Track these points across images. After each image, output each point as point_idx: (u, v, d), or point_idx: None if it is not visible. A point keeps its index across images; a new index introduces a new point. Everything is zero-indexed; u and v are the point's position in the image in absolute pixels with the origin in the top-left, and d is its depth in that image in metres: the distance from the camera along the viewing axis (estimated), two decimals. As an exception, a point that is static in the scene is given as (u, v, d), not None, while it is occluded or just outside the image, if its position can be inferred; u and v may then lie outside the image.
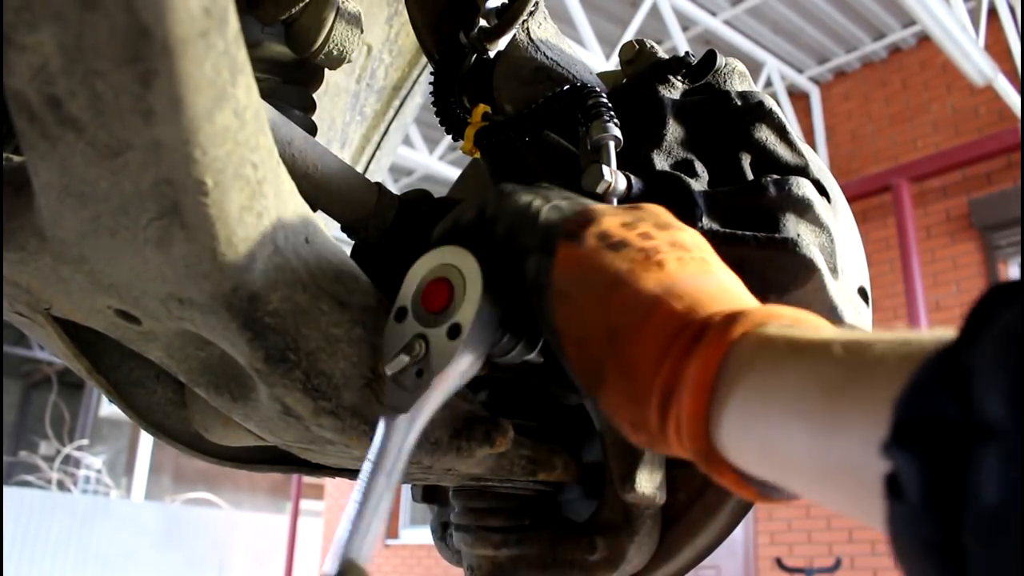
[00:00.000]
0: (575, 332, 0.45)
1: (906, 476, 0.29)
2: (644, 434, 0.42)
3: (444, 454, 0.59)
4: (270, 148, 0.47)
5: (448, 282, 0.50)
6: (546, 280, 0.47)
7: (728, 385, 0.38)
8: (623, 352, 0.43)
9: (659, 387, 0.41)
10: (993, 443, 0.26)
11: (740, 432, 0.38)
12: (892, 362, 0.32)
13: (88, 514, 10.51)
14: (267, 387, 0.52)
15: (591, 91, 0.68)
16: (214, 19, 0.38)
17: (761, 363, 0.38)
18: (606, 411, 0.44)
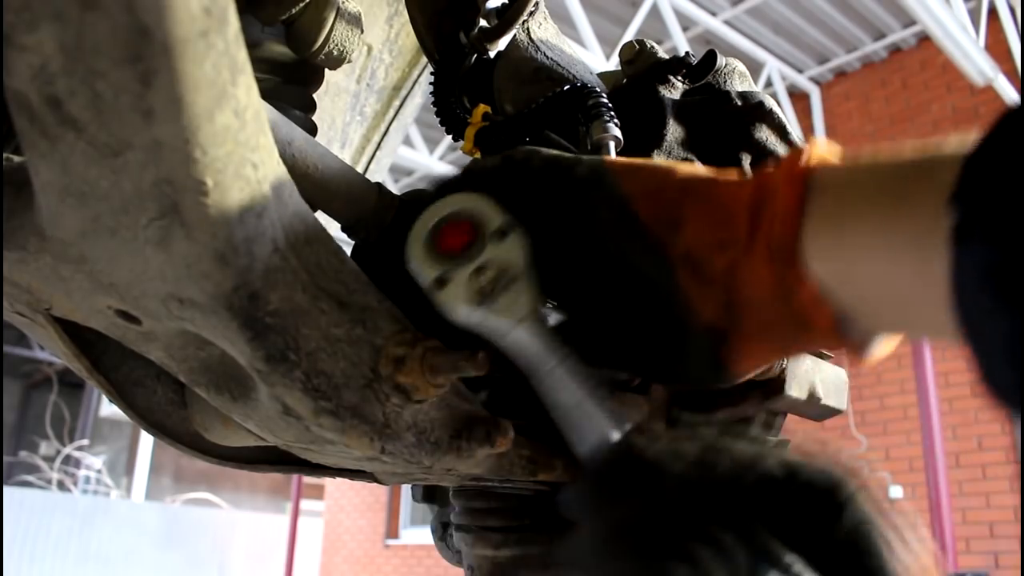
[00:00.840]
0: (644, 187, 0.46)
1: (972, 213, 0.31)
2: (730, 250, 0.43)
3: (444, 454, 0.59)
4: (270, 148, 0.47)
5: (459, 220, 0.49)
6: (602, 167, 0.48)
7: (815, 187, 0.40)
8: (704, 190, 0.44)
9: (748, 198, 0.42)
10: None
11: (822, 225, 0.39)
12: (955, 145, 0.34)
13: (88, 514, 10.51)
14: (267, 387, 0.52)
15: (591, 91, 0.68)
16: (214, 19, 0.38)
17: (836, 170, 0.40)
18: (683, 248, 0.44)
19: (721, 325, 0.44)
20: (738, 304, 0.43)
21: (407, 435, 0.56)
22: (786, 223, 0.40)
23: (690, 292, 0.44)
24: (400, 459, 0.58)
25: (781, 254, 0.40)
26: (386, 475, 0.69)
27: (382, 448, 0.55)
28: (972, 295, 0.31)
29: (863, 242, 0.37)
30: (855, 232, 0.38)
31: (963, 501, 5.96)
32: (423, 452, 0.58)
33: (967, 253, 0.31)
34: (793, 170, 0.41)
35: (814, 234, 0.39)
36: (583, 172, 0.49)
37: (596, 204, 0.47)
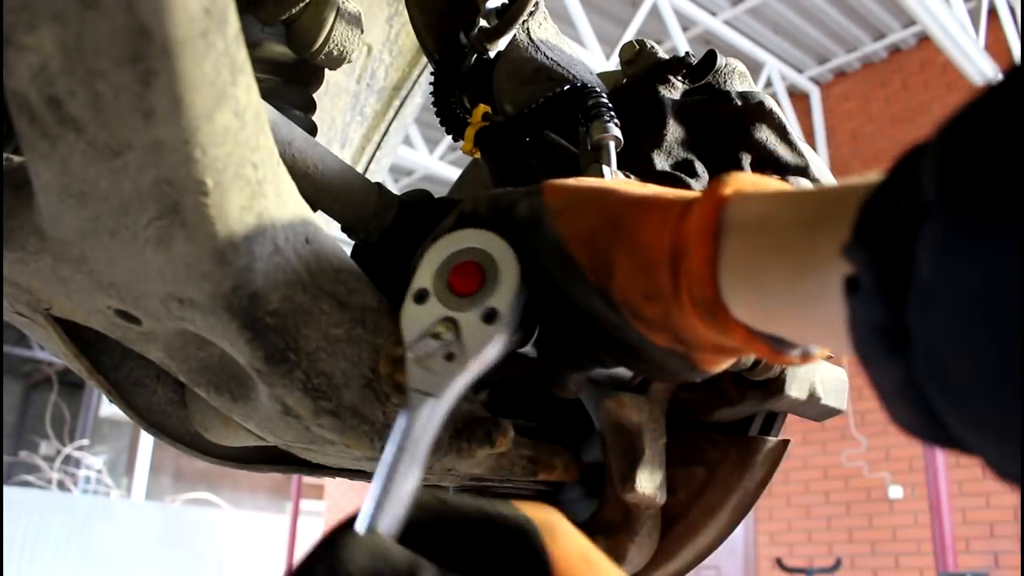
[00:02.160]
0: (578, 231, 0.47)
1: (863, 268, 0.32)
2: (659, 301, 0.44)
3: (444, 454, 0.59)
4: (270, 148, 0.47)
5: (478, 265, 0.49)
6: (540, 208, 0.49)
7: (727, 233, 0.41)
8: (629, 233, 0.45)
9: (668, 246, 0.43)
10: (929, 220, 0.29)
11: (739, 276, 0.41)
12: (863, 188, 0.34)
13: (88, 514, 10.51)
14: (267, 387, 0.52)
15: (591, 91, 0.68)
16: (214, 19, 0.38)
17: (751, 210, 0.41)
18: (620, 294, 0.46)
19: (679, 349, 0.46)
20: (686, 339, 0.45)
21: (407, 435, 0.56)
22: (703, 282, 0.41)
23: (639, 329, 0.46)
24: (400, 459, 0.58)
25: (705, 308, 0.42)
26: (386, 475, 0.69)
27: (382, 448, 0.55)
28: (865, 345, 0.33)
29: (776, 292, 0.39)
30: (767, 282, 0.39)
31: (963, 501, 5.96)
32: (423, 452, 0.58)
33: (857, 308, 0.32)
34: (706, 217, 0.42)
35: (731, 288, 0.41)
36: (523, 214, 0.50)
37: (538, 248, 0.49)
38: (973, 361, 0.27)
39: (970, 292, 0.27)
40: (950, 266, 0.28)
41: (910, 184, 0.30)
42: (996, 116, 0.27)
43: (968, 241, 0.27)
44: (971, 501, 6.00)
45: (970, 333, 0.27)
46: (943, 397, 0.29)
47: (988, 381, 0.27)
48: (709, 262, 0.41)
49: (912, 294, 0.29)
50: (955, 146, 0.28)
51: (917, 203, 0.29)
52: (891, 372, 0.31)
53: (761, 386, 0.69)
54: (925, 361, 0.29)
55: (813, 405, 0.72)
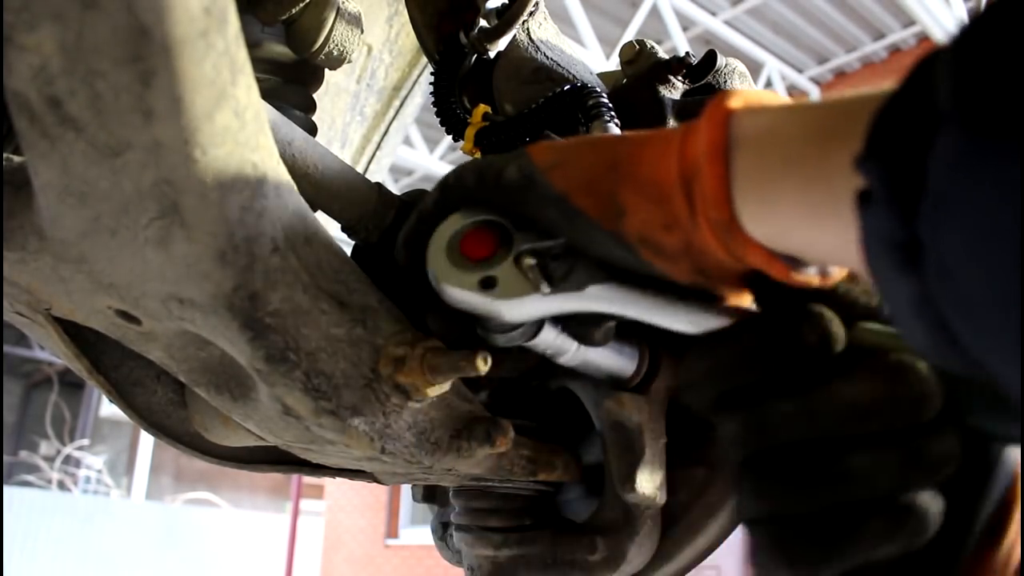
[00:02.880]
0: (578, 181, 0.46)
1: (875, 181, 0.31)
2: (678, 230, 0.43)
3: (444, 454, 0.59)
4: (270, 148, 0.47)
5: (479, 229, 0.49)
6: (530, 167, 0.48)
7: (736, 149, 0.40)
8: (632, 169, 0.44)
9: (677, 173, 0.42)
10: (944, 131, 0.28)
11: (751, 193, 0.39)
12: (873, 99, 0.34)
13: (88, 514, 10.51)
14: (267, 387, 0.52)
15: (591, 91, 0.68)
16: (214, 19, 0.38)
17: (759, 123, 0.40)
18: (635, 233, 0.44)
19: (701, 281, 0.45)
20: (707, 266, 0.44)
21: (407, 435, 0.56)
22: (718, 206, 0.40)
23: (661, 266, 0.45)
24: (400, 459, 0.58)
25: (722, 229, 0.41)
26: (386, 475, 0.69)
27: (382, 448, 0.55)
28: (878, 260, 0.32)
29: (789, 208, 0.38)
30: (780, 199, 0.38)
31: None
32: (423, 452, 0.58)
33: (869, 222, 0.32)
34: (714, 133, 0.40)
35: (745, 206, 0.40)
36: (513, 176, 0.49)
37: (539, 207, 0.48)
38: (986, 275, 0.27)
39: (982, 206, 0.26)
40: (963, 180, 0.27)
41: (924, 94, 0.29)
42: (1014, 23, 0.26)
43: (982, 155, 0.26)
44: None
45: (983, 247, 0.26)
46: (956, 311, 0.29)
47: (1001, 295, 0.26)
48: (722, 180, 0.40)
49: (925, 207, 0.28)
50: (970, 55, 0.27)
51: (931, 114, 0.29)
52: (904, 287, 0.30)
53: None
54: (938, 274, 0.28)
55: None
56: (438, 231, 0.51)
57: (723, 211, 0.40)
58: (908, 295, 0.30)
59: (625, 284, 0.48)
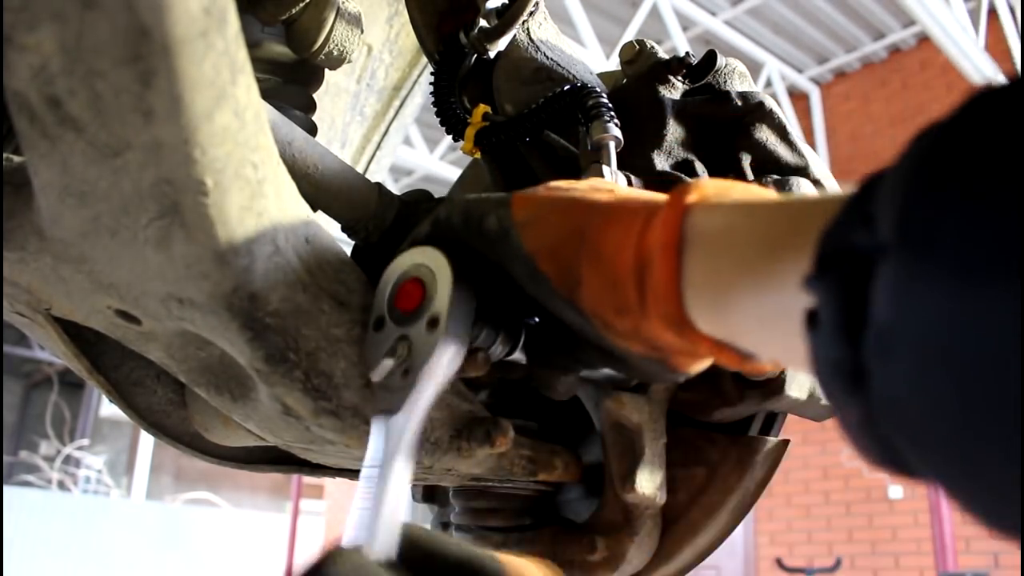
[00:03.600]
0: (545, 244, 0.47)
1: (822, 304, 0.31)
2: (628, 316, 0.44)
3: (444, 454, 0.59)
4: (270, 148, 0.47)
5: (419, 280, 0.50)
6: (508, 221, 0.49)
7: (690, 246, 0.40)
8: (594, 244, 0.45)
9: (632, 261, 0.42)
10: (885, 262, 0.28)
11: (702, 293, 0.40)
12: (829, 206, 0.33)
13: (88, 514, 10.50)
14: (267, 387, 0.52)
15: (591, 91, 0.68)
16: (214, 19, 0.38)
17: (714, 222, 0.40)
18: (589, 309, 0.45)
19: (655, 356, 0.46)
20: (659, 347, 0.45)
21: (407, 435, 0.56)
22: (668, 298, 0.41)
23: (614, 340, 0.46)
24: (400, 459, 0.58)
25: (673, 322, 0.41)
26: (386, 475, 0.69)
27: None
28: (825, 381, 0.32)
29: (739, 312, 0.38)
30: (730, 302, 0.38)
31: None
32: (423, 452, 0.58)
33: (816, 345, 0.32)
34: (669, 229, 0.41)
35: (695, 304, 0.40)
36: (492, 227, 0.50)
37: (508, 261, 0.49)
38: (927, 408, 0.27)
39: (925, 339, 0.26)
40: (904, 310, 0.27)
41: (866, 217, 0.29)
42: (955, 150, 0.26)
43: (923, 286, 0.26)
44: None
45: (926, 380, 0.26)
46: (902, 438, 0.29)
47: (942, 428, 0.26)
48: (672, 277, 0.40)
49: (869, 336, 0.28)
50: (912, 181, 0.27)
51: (873, 240, 0.28)
52: (852, 409, 0.30)
53: (761, 386, 0.69)
54: (883, 403, 0.29)
55: (813, 405, 0.72)
56: (393, 264, 0.53)
57: (672, 306, 0.41)
58: (855, 416, 0.31)
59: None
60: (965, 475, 0.27)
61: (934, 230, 0.26)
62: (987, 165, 0.25)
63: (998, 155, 0.25)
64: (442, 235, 0.52)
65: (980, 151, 0.25)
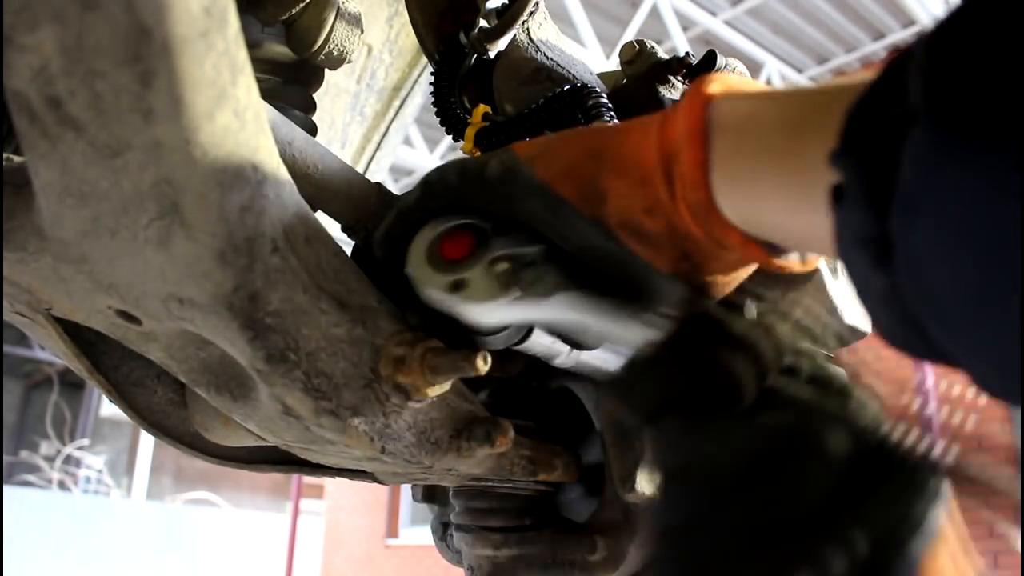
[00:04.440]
0: (559, 169, 0.46)
1: (848, 177, 0.31)
2: (659, 213, 0.43)
3: (444, 454, 0.59)
4: (270, 148, 0.47)
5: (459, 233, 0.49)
6: (513, 160, 0.48)
7: (715, 133, 0.40)
8: (613, 155, 0.44)
9: (657, 156, 0.42)
10: (915, 129, 0.28)
11: (729, 178, 0.39)
12: (851, 89, 0.33)
13: (89, 514, 10.51)
14: (267, 387, 0.52)
15: (591, 91, 0.68)
16: (214, 19, 0.38)
17: (738, 109, 0.40)
18: (616, 218, 0.45)
19: (685, 267, 0.45)
20: (690, 250, 0.44)
21: (407, 435, 0.56)
22: (697, 187, 0.40)
23: (642, 252, 0.45)
24: (400, 459, 0.58)
25: (701, 211, 0.41)
26: (386, 475, 0.69)
27: (382, 448, 0.55)
28: (850, 254, 0.32)
29: (765, 195, 0.38)
30: (756, 186, 0.38)
31: (963, 501, 5.96)
32: (423, 452, 0.58)
33: (842, 218, 0.32)
34: (693, 117, 0.40)
35: (723, 191, 0.40)
36: (495, 170, 0.49)
37: (521, 197, 0.48)
38: (952, 274, 0.27)
39: (951, 204, 0.26)
40: (932, 177, 0.27)
41: (897, 90, 0.29)
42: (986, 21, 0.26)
43: (951, 152, 0.26)
44: (971, 501, 6.00)
45: (951, 245, 0.27)
46: (925, 308, 0.29)
47: (968, 294, 0.27)
48: (700, 164, 0.40)
49: (896, 205, 0.29)
50: (941, 53, 0.27)
51: (902, 111, 0.29)
52: (875, 282, 0.31)
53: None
54: (908, 272, 0.29)
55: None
56: (421, 232, 0.51)
57: (701, 193, 0.40)
58: (878, 289, 0.31)
59: (592, 294, 0.48)
60: (988, 347, 0.27)
61: (961, 95, 0.26)
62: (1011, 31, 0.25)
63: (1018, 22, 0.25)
64: (434, 196, 0.52)
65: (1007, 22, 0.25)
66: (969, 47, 0.26)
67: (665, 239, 0.44)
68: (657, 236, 0.44)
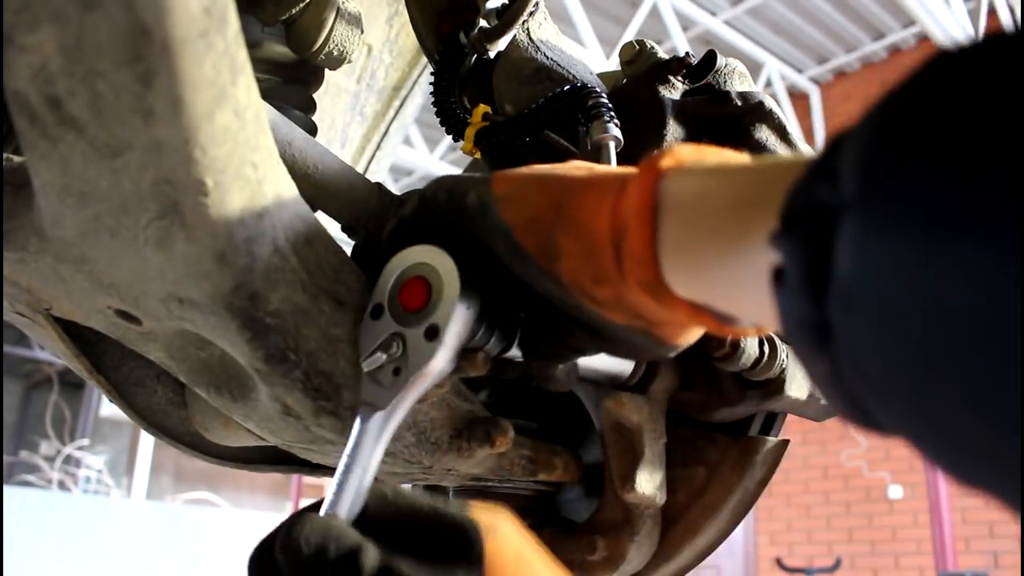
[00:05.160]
0: (523, 218, 0.47)
1: (787, 261, 0.31)
2: (607, 284, 0.44)
3: (444, 454, 0.59)
4: (270, 148, 0.47)
5: (425, 281, 0.50)
6: (488, 196, 0.49)
7: (665, 211, 0.41)
8: (571, 215, 0.45)
9: (608, 227, 0.43)
10: (847, 216, 0.28)
11: (677, 258, 0.40)
12: (798, 166, 0.33)
13: (88, 514, 10.49)
14: (267, 387, 0.52)
15: (591, 91, 0.68)
16: (214, 19, 0.38)
17: (687, 187, 0.40)
18: (569, 280, 0.46)
19: (637, 324, 0.46)
20: (641, 314, 0.45)
21: (407, 435, 0.56)
22: (645, 265, 0.41)
23: (594, 309, 0.46)
24: (400, 459, 0.58)
25: (650, 288, 0.42)
26: (386, 475, 0.69)
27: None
28: (793, 338, 0.32)
29: (713, 275, 0.39)
30: (704, 266, 0.39)
31: (963, 501, 5.96)
32: (423, 452, 0.58)
33: (783, 302, 0.32)
34: (643, 194, 0.41)
35: (671, 268, 0.41)
36: (473, 203, 0.50)
37: (489, 237, 0.49)
38: (888, 364, 0.27)
39: (885, 293, 0.26)
40: (866, 265, 0.27)
41: (831, 173, 0.29)
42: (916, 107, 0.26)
43: (884, 241, 0.26)
44: (971, 501, 6.00)
45: (884, 336, 0.27)
46: (865, 392, 0.29)
47: (903, 384, 0.27)
48: (648, 242, 0.41)
49: (832, 292, 0.29)
50: (874, 136, 0.27)
51: (836, 195, 0.29)
52: (818, 364, 0.31)
53: (761, 386, 0.69)
54: (848, 358, 0.29)
55: (813, 405, 0.72)
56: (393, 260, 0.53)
57: (649, 270, 0.41)
58: (822, 372, 0.31)
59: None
60: (928, 428, 0.27)
61: (894, 184, 0.26)
62: (946, 122, 0.25)
63: (957, 113, 0.25)
64: (429, 211, 0.53)
65: (939, 109, 0.25)
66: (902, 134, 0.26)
67: (615, 304, 0.45)
68: (605, 301, 0.45)
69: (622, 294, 0.44)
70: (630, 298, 0.43)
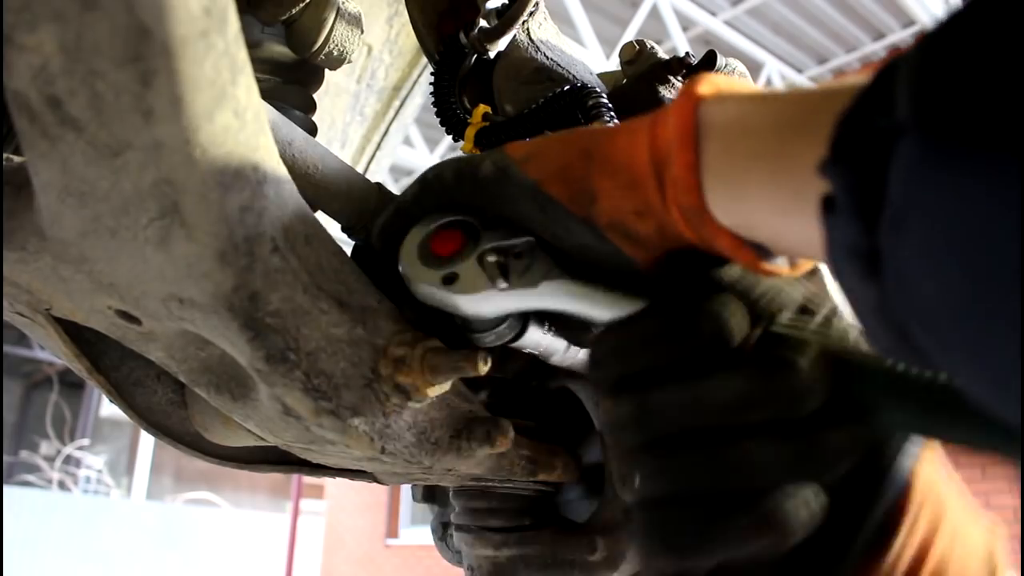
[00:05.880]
0: (549, 170, 0.46)
1: (838, 189, 0.31)
2: (649, 216, 0.43)
3: (444, 454, 0.59)
4: (270, 148, 0.47)
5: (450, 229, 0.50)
6: (505, 160, 0.48)
7: (706, 136, 0.40)
8: (604, 156, 0.44)
9: (648, 158, 0.42)
10: (903, 141, 0.27)
11: (719, 182, 0.39)
12: (842, 94, 0.33)
13: (89, 514, 10.51)
14: (267, 387, 0.52)
15: (591, 91, 0.68)
16: (214, 19, 0.38)
17: (728, 112, 0.40)
18: (606, 219, 0.45)
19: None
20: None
21: (407, 435, 0.56)
22: (689, 191, 0.40)
23: (629, 252, 0.45)
24: (400, 459, 0.58)
25: (692, 215, 0.41)
26: (386, 475, 0.69)
27: (382, 448, 0.55)
28: (840, 267, 0.32)
29: (756, 201, 0.38)
30: (747, 191, 0.38)
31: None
32: (423, 452, 0.58)
33: (832, 230, 0.32)
34: (684, 119, 0.40)
35: (714, 195, 0.40)
36: (488, 171, 0.49)
37: (513, 197, 0.48)
38: (942, 288, 0.27)
39: (939, 219, 0.26)
40: (918, 192, 0.27)
41: (887, 98, 0.29)
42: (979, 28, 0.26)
43: (937, 165, 0.26)
44: (970, 501, 6.00)
45: (939, 260, 0.26)
46: (914, 321, 0.29)
47: (954, 309, 0.26)
48: (692, 167, 0.40)
49: (884, 219, 0.28)
50: (933, 59, 0.27)
51: (892, 120, 0.28)
52: (866, 294, 0.31)
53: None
54: (896, 285, 0.29)
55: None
56: (412, 230, 0.52)
57: (693, 197, 0.40)
58: (870, 302, 0.31)
59: (577, 280, 0.49)
60: (976, 358, 0.27)
61: (953, 110, 0.26)
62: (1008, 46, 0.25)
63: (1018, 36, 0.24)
64: (431, 194, 0.52)
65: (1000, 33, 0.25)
66: (957, 56, 0.26)
67: (655, 240, 0.44)
68: (647, 238, 0.44)
69: (665, 226, 0.43)
70: (671, 230, 0.42)
